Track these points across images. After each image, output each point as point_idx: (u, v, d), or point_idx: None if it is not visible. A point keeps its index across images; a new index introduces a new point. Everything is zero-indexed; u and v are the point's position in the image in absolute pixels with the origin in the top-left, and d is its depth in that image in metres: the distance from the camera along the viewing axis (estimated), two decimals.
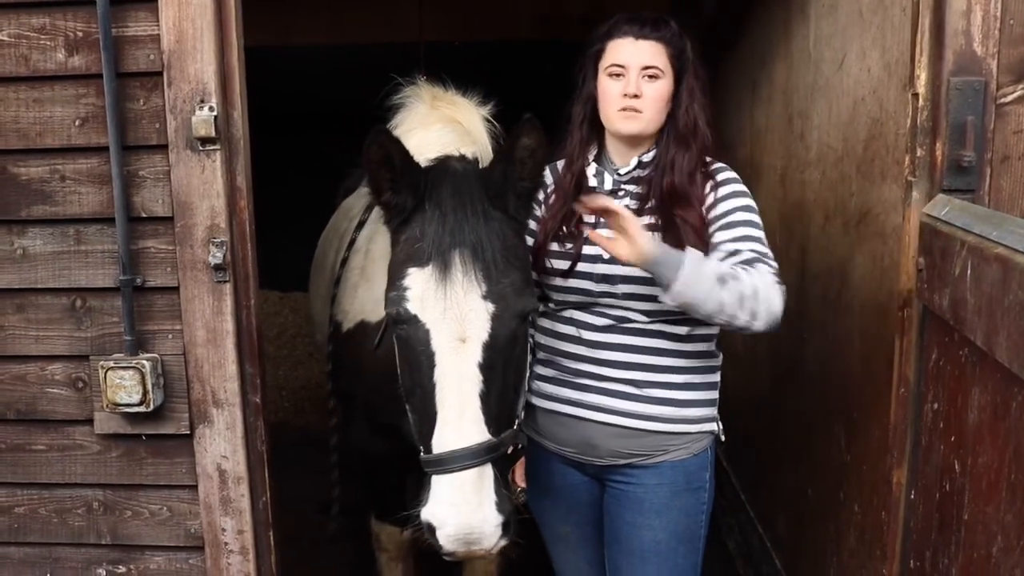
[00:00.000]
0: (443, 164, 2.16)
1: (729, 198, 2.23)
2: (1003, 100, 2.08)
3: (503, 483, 1.99)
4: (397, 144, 2.04)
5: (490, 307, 1.97)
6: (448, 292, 1.96)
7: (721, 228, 2.20)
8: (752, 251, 2.15)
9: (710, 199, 2.24)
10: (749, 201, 2.25)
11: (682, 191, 2.22)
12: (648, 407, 2.27)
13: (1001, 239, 1.71)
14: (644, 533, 2.32)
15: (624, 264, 2.22)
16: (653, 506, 2.31)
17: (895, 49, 2.40)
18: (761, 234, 2.22)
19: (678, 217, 2.20)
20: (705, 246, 2.19)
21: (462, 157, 2.26)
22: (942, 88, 2.09)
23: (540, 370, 2.41)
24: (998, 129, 2.08)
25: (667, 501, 2.31)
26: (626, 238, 2.05)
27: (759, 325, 2.09)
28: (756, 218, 2.23)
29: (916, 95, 2.14)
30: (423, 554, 3.20)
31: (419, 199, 2.07)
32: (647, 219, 2.24)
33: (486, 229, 2.01)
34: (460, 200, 2.02)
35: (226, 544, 2.60)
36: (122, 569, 2.68)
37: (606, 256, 2.25)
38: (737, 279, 2.05)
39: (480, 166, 2.23)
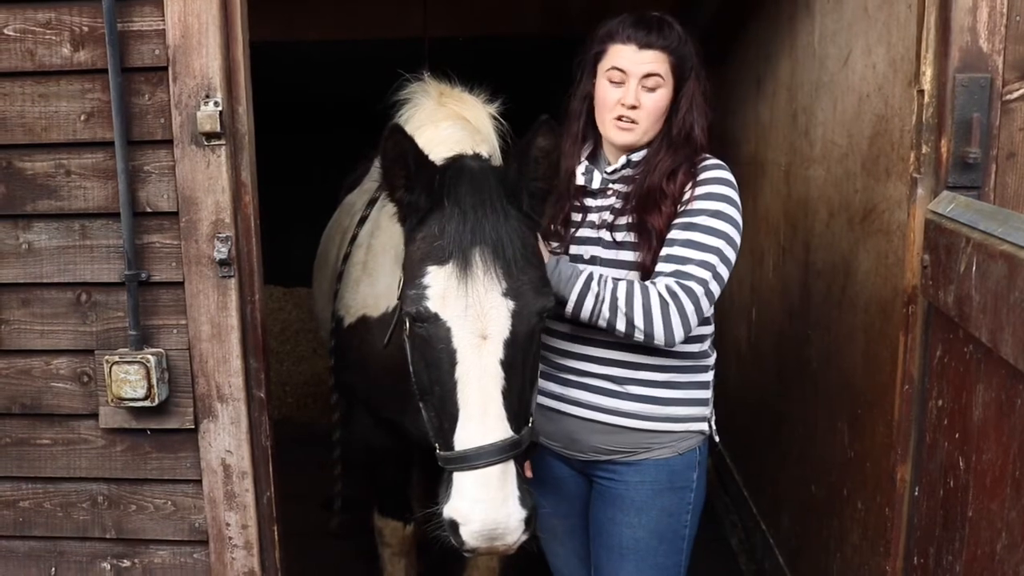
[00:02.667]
0: (459, 162, 2.16)
1: (702, 199, 2.18)
2: (1009, 97, 2.08)
3: (523, 479, 1.99)
4: (412, 143, 2.04)
5: (510, 304, 1.97)
6: (469, 289, 1.95)
7: (678, 227, 2.17)
8: (680, 262, 2.14)
9: (687, 195, 2.21)
10: (721, 205, 2.18)
11: (657, 194, 2.20)
12: (628, 404, 2.27)
13: (1006, 236, 1.71)
14: (624, 530, 2.33)
15: (604, 265, 2.24)
16: (634, 504, 2.31)
17: (900, 45, 2.40)
18: (715, 242, 2.14)
19: (648, 224, 2.19)
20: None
21: (477, 156, 2.26)
22: (948, 85, 2.08)
23: None
24: (1004, 126, 2.08)
25: (648, 499, 2.31)
26: None
27: (656, 342, 2.14)
28: (720, 224, 2.16)
29: (922, 92, 2.14)
30: (425, 549, 3.22)
31: (435, 197, 2.06)
32: (627, 219, 2.24)
33: (506, 227, 2.01)
34: (479, 198, 2.02)
35: (230, 539, 2.61)
36: (126, 563, 2.69)
37: (587, 256, 2.27)
38: (629, 302, 2.11)
39: (493, 164, 2.22)
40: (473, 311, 1.96)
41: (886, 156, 2.51)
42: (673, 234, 2.17)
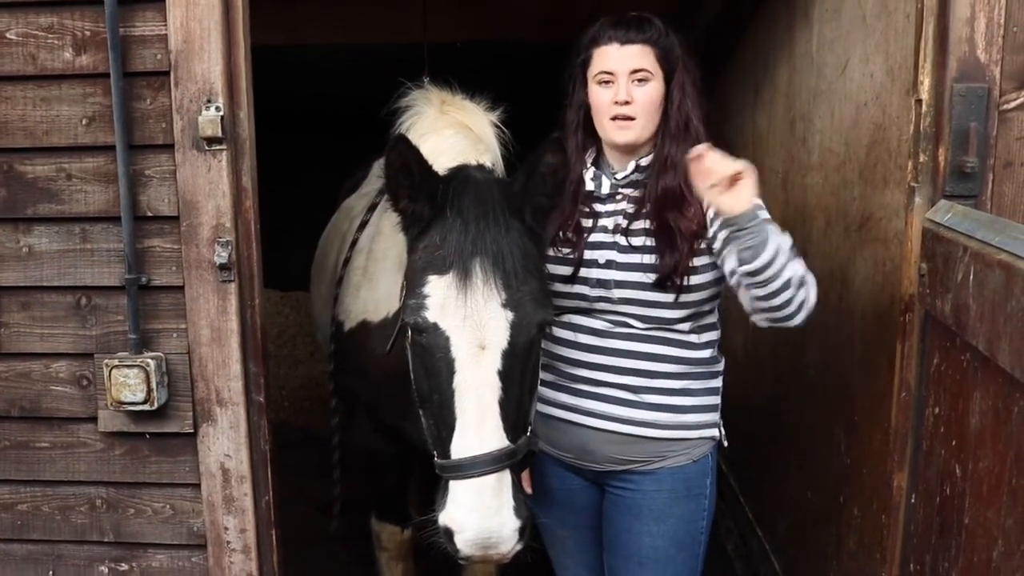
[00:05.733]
0: (463, 173, 2.17)
1: None
2: (1006, 107, 2.09)
3: (519, 488, 2.00)
4: (416, 153, 2.05)
5: (509, 315, 1.98)
6: (468, 299, 1.97)
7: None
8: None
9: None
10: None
11: (676, 194, 2.20)
12: (644, 413, 2.27)
13: (1003, 245, 1.73)
14: (643, 540, 2.32)
15: (620, 269, 2.23)
16: (652, 513, 2.31)
17: (898, 55, 2.42)
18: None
19: (671, 221, 2.20)
20: (695, 252, 2.19)
21: (480, 167, 2.27)
22: (945, 94, 2.10)
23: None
24: (1001, 135, 2.10)
25: (666, 508, 2.31)
26: (733, 189, 1.97)
27: (800, 317, 2.07)
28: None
29: (919, 101, 2.15)
30: (422, 554, 3.22)
31: (438, 207, 2.07)
32: (642, 223, 2.25)
33: (507, 239, 2.02)
34: (482, 209, 2.03)
35: (228, 543, 2.61)
36: (124, 567, 2.69)
37: (602, 260, 2.26)
38: (798, 264, 2.05)
39: (497, 176, 2.23)
40: (472, 321, 1.97)
41: (883, 164, 2.52)
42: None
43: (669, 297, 2.21)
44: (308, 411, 5.97)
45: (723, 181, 1.96)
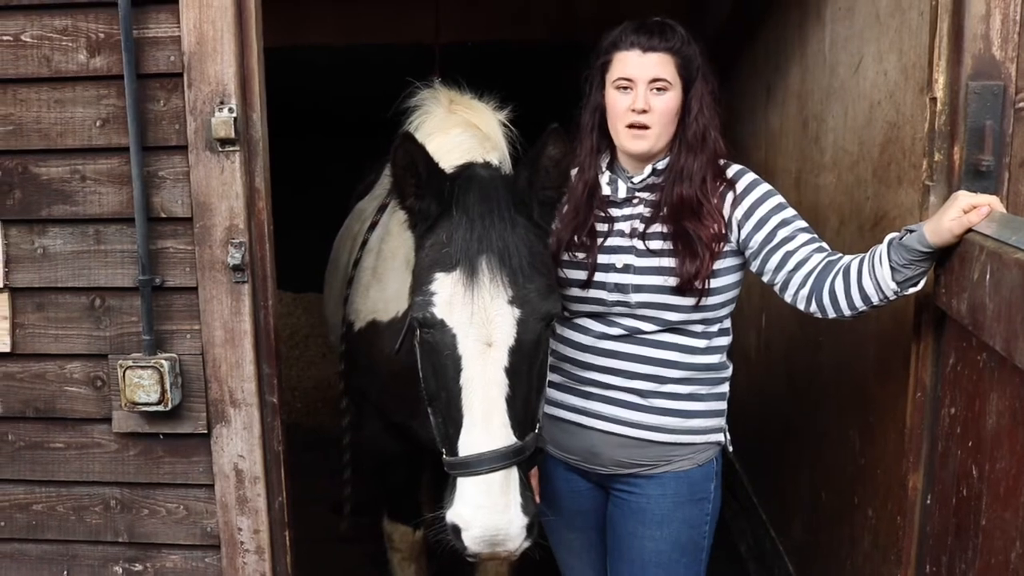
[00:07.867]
0: (469, 170, 2.18)
1: (765, 198, 2.22)
2: (1022, 104, 2.07)
3: (526, 486, 2.00)
4: (422, 150, 2.05)
5: (516, 312, 1.99)
6: (475, 297, 1.97)
7: (780, 225, 2.19)
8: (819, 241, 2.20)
9: (728, 200, 2.23)
10: (779, 195, 2.24)
11: (692, 202, 2.21)
12: (652, 417, 2.27)
13: (1020, 244, 1.71)
14: (646, 543, 2.32)
15: (638, 273, 2.23)
16: (655, 516, 2.31)
17: (912, 53, 2.40)
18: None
19: (689, 229, 2.20)
20: (716, 256, 2.21)
21: (487, 164, 2.28)
22: (960, 92, 2.08)
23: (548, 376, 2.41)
24: (1017, 133, 2.08)
25: (669, 512, 2.31)
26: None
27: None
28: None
29: (934, 99, 2.14)
30: (435, 553, 3.22)
31: (445, 205, 2.08)
32: (659, 227, 2.24)
33: (513, 235, 2.02)
34: (488, 206, 2.04)
35: (242, 543, 2.62)
36: (138, 567, 2.70)
37: (619, 265, 2.26)
38: None
39: (503, 172, 2.24)
40: (478, 318, 1.97)
41: (897, 163, 2.51)
42: (783, 232, 2.18)
43: (689, 301, 2.21)
44: (321, 412, 5.99)
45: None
